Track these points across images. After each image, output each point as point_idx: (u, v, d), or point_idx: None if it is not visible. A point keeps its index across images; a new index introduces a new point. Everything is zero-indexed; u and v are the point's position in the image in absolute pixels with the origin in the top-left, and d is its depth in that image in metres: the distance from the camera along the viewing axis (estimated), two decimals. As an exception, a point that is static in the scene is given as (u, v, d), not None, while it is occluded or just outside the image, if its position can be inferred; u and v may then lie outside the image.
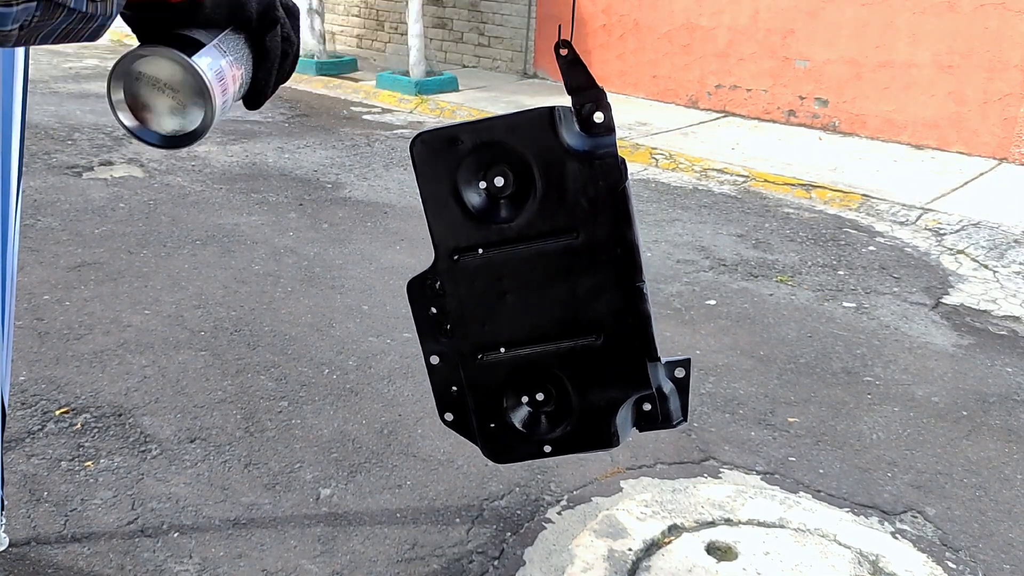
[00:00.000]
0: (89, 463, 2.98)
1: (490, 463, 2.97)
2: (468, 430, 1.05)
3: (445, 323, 1.00)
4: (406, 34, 8.91)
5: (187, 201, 5.60)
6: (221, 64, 0.81)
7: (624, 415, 1.02)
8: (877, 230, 5.61)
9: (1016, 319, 4.38)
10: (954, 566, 2.64)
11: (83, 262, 4.57)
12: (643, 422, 1.05)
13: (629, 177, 0.95)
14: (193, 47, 0.80)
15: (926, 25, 7.01)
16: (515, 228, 0.96)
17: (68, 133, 6.99)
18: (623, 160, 0.94)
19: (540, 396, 1.03)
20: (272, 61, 0.84)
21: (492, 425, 1.03)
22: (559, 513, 2.82)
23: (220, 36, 0.80)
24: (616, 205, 0.95)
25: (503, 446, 1.05)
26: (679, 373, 1.05)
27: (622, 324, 0.99)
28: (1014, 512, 2.91)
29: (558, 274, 0.97)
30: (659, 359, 1.02)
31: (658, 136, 7.41)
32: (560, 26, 1.03)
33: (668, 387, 1.04)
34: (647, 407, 1.03)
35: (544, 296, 0.98)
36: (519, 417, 1.03)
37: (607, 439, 1.03)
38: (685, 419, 1.06)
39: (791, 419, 3.41)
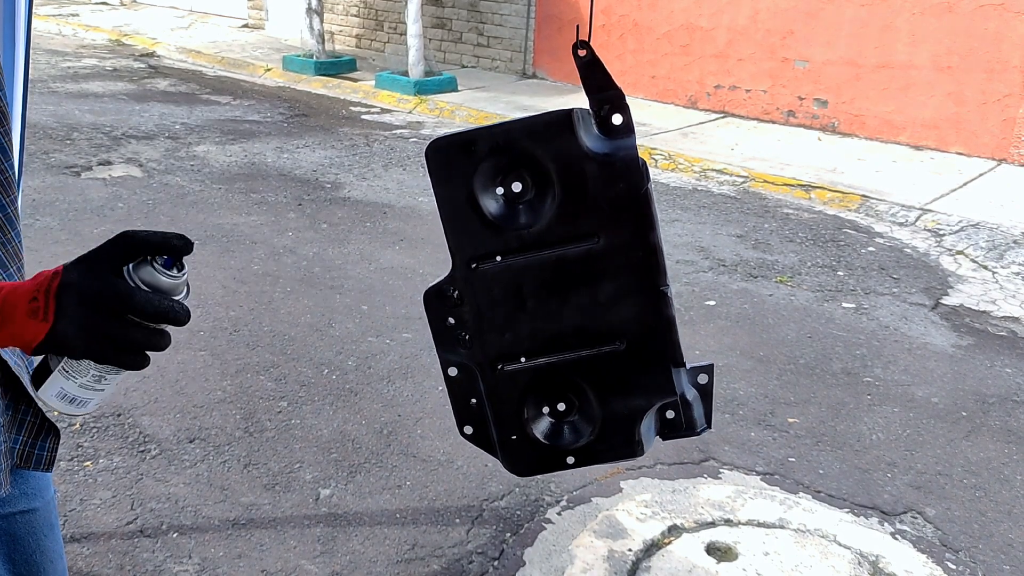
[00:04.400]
0: (88, 463, 2.98)
1: (490, 463, 2.97)
2: (488, 443, 1.03)
3: (463, 333, 0.98)
4: (405, 34, 8.90)
5: (186, 201, 5.60)
6: (66, 387, 0.89)
7: (648, 423, 1.00)
8: (876, 231, 5.61)
9: (1015, 320, 4.38)
10: (954, 567, 2.64)
11: (82, 262, 4.56)
12: (666, 430, 1.02)
13: (651, 179, 0.93)
14: (44, 376, 0.90)
15: (925, 26, 7.01)
16: (534, 234, 0.93)
17: (67, 133, 6.98)
18: (644, 162, 0.92)
19: (562, 406, 1.00)
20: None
21: (513, 437, 1.01)
22: (559, 513, 2.82)
23: (62, 361, 0.89)
24: (638, 208, 0.93)
25: (525, 459, 1.02)
26: (702, 379, 1.02)
27: (646, 329, 0.96)
28: (1014, 513, 2.91)
29: (579, 280, 0.95)
30: (684, 364, 1.00)
31: (657, 136, 7.41)
32: (578, 27, 1.01)
33: (691, 394, 1.01)
34: (670, 415, 1.01)
35: (565, 303, 0.95)
36: (540, 428, 1.01)
37: (631, 448, 1.00)
38: (709, 426, 1.03)
39: (791, 420, 3.41)
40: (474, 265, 0.95)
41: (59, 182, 5.79)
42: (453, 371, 1.00)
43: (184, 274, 0.86)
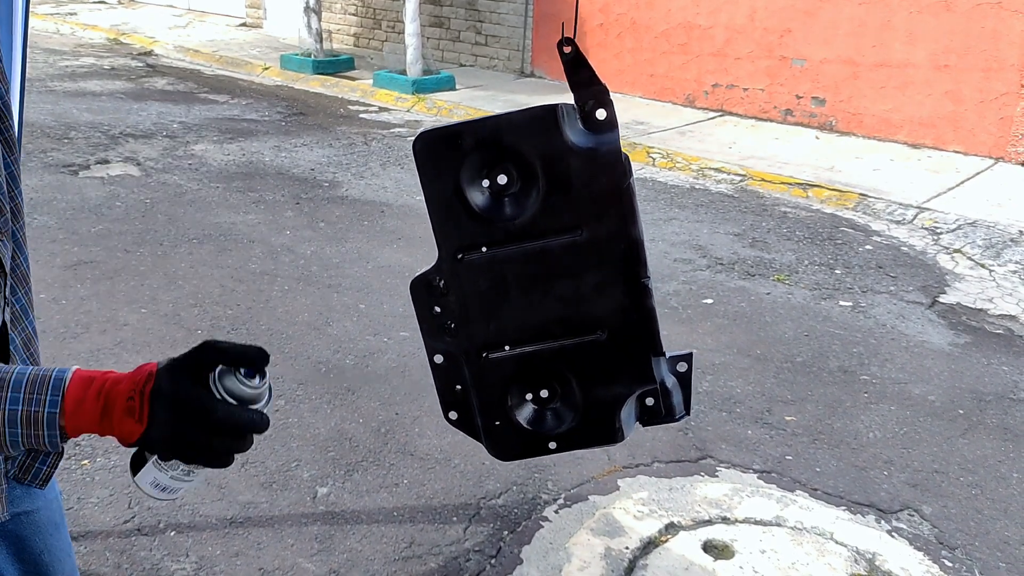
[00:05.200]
0: (86, 462, 2.98)
1: (488, 461, 2.98)
2: (472, 429, 1.06)
3: (449, 322, 1.00)
4: (403, 33, 8.90)
5: (184, 200, 5.60)
6: (158, 478, 0.93)
7: (628, 410, 1.03)
8: (874, 229, 5.61)
9: (1012, 318, 4.39)
10: (950, 564, 2.65)
11: (79, 261, 4.56)
12: (646, 416, 1.06)
13: (633, 174, 0.95)
14: (140, 463, 0.94)
15: (923, 24, 7.01)
16: (519, 226, 0.95)
17: (64, 131, 6.98)
18: (627, 157, 0.95)
19: (545, 393, 1.03)
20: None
21: (497, 423, 1.04)
22: (556, 512, 2.83)
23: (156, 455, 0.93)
24: (620, 202, 0.95)
25: (508, 444, 1.05)
26: (681, 367, 1.06)
27: (627, 320, 0.99)
28: (1010, 510, 2.91)
29: (562, 271, 0.97)
30: (664, 354, 1.03)
31: (655, 135, 7.42)
32: (563, 24, 1.03)
33: (671, 381, 1.04)
34: (650, 402, 1.04)
35: (548, 293, 0.98)
36: (524, 415, 1.03)
37: (612, 434, 1.03)
38: (688, 413, 1.07)
39: (788, 418, 3.42)
40: (460, 256, 0.97)
41: (57, 181, 5.78)
42: (439, 358, 1.03)
43: (265, 382, 0.90)
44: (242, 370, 0.88)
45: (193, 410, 0.85)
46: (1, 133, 1.02)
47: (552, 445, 1.05)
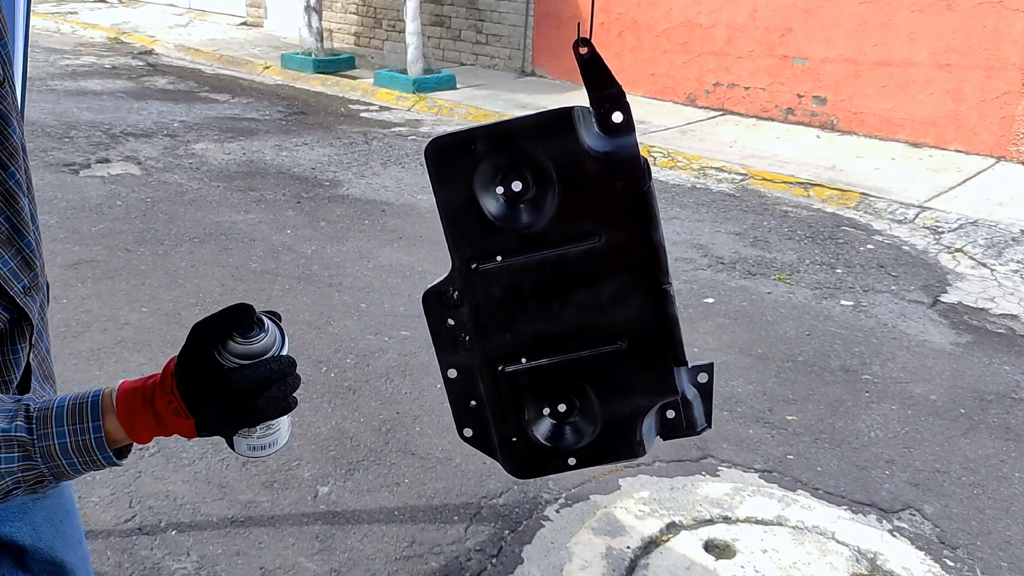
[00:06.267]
0: (87, 461, 2.98)
1: (489, 461, 2.97)
2: (488, 446, 1.02)
3: (463, 335, 0.97)
4: (404, 32, 8.89)
5: (184, 199, 5.60)
6: (249, 442, 0.96)
7: (649, 423, 1.00)
8: (875, 228, 5.61)
9: (1014, 317, 4.39)
10: (952, 563, 2.65)
11: (80, 260, 4.56)
12: (667, 430, 1.02)
13: (652, 177, 0.93)
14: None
15: (924, 23, 7.00)
16: (535, 233, 0.93)
17: (65, 131, 6.98)
18: (645, 160, 0.92)
19: (562, 407, 0.99)
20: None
21: (514, 439, 1.00)
22: (557, 511, 2.82)
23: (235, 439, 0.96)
24: (639, 206, 0.92)
25: (526, 461, 1.01)
26: (702, 378, 1.02)
27: (648, 328, 0.96)
28: (1012, 510, 2.91)
29: (580, 279, 0.94)
30: (686, 363, 0.99)
31: (656, 134, 7.41)
32: (579, 24, 1.01)
33: (691, 393, 1.01)
34: (670, 414, 1.00)
35: (566, 303, 0.95)
36: (542, 430, 1.00)
37: (633, 449, 1.00)
38: (709, 425, 1.03)
39: (789, 417, 3.41)
40: (474, 265, 0.94)
41: (58, 180, 5.78)
42: (452, 373, 0.99)
43: (265, 332, 0.91)
44: (238, 331, 0.90)
45: (218, 390, 0.88)
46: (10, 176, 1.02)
47: (571, 461, 1.01)
